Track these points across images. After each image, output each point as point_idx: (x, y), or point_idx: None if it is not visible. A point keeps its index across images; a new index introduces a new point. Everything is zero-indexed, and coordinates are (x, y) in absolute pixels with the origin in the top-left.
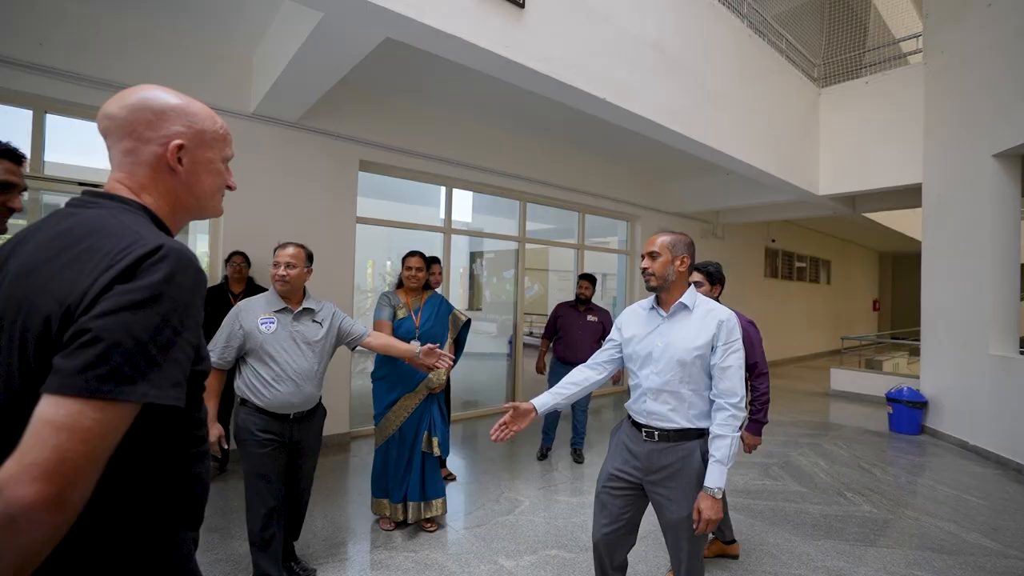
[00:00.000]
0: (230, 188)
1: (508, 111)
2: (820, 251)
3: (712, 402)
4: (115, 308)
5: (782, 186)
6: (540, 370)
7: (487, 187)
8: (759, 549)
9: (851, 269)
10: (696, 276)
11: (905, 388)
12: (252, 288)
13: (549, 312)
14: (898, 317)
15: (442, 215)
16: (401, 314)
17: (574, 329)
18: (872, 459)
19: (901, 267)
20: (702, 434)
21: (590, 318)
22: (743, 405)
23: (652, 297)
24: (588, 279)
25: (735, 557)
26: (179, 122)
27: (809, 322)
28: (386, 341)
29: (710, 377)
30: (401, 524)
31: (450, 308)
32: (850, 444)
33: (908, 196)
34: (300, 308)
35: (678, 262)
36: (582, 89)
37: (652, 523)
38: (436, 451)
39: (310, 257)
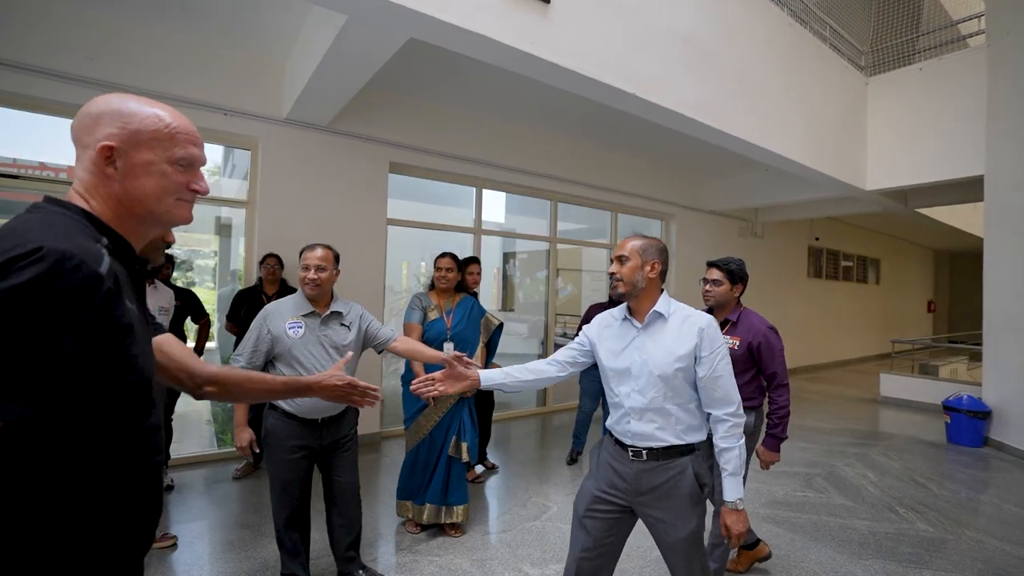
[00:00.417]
0: (196, 192)
1: (537, 110)
2: (868, 249)
3: (701, 414)
4: None
5: (826, 181)
6: None
7: (517, 187)
8: (799, 567)
9: (903, 268)
10: (716, 274)
11: (965, 396)
12: (285, 289)
13: (582, 313)
14: (956, 319)
15: (474, 216)
16: (432, 315)
17: None
18: (927, 472)
19: (959, 266)
20: (692, 449)
21: None
22: (741, 411)
23: (624, 306)
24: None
25: (768, 556)
26: (112, 125)
27: (856, 324)
28: (412, 346)
29: (695, 388)
30: (427, 527)
31: (482, 312)
32: (902, 455)
33: (967, 190)
34: (328, 312)
35: (648, 267)
36: (609, 84)
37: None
38: (465, 456)
39: (337, 258)
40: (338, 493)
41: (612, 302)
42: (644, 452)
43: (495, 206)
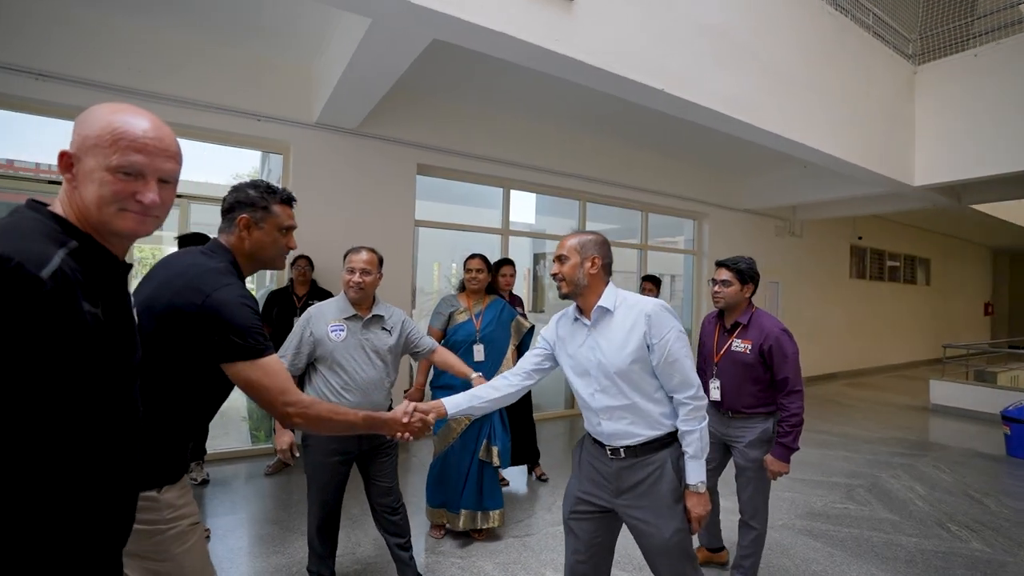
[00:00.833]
0: (142, 203)
1: (564, 109)
2: (916, 248)
3: (672, 397)
4: None
5: (869, 177)
6: None
7: (545, 187)
8: None
9: (956, 268)
10: (725, 274)
11: None
12: (315, 290)
13: None
14: (1017, 323)
15: (501, 216)
16: (462, 317)
17: None
18: (984, 487)
19: (1021, 265)
20: (671, 440)
21: None
22: (701, 393)
23: (575, 305)
24: (651, 281)
25: (723, 565)
26: (76, 131)
27: (904, 328)
28: (447, 358)
29: (656, 376)
30: (451, 531)
31: (513, 314)
32: (955, 468)
33: None
34: (370, 315)
35: (588, 263)
36: (635, 80)
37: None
38: (496, 461)
39: (381, 262)
40: (377, 498)
41: None
42: (622, 450)
43: (525, 207)
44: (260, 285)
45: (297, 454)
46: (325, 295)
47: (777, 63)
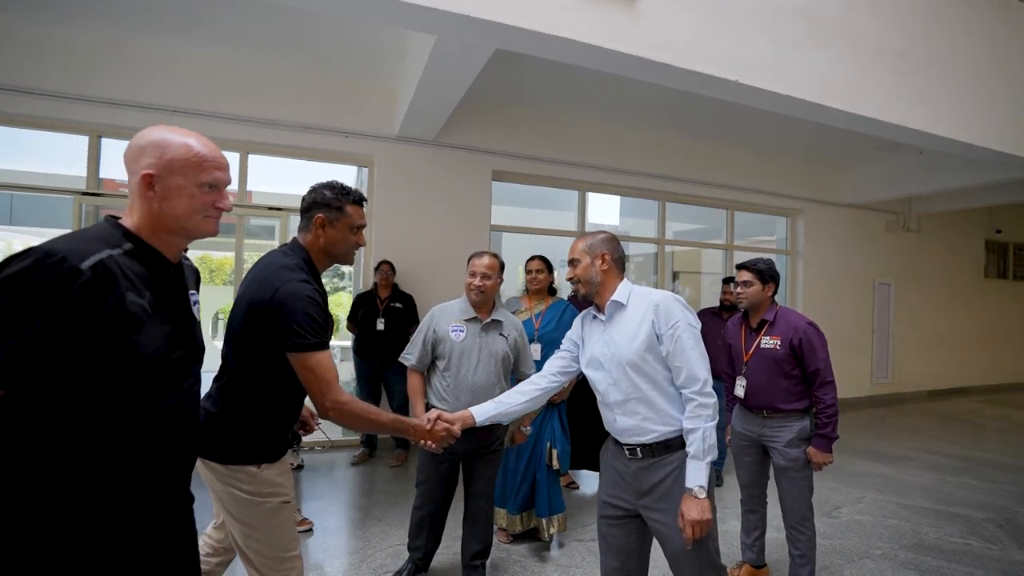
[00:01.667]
0: (221, 209)
1: (638, 107)
2: None
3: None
4: None
5: (1006, 161)
6: None
7: (621, 188)
8: None
9: None
10: (745, 275)
11: None
12: (397, 294)
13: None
14: None
15: (587, 219)
16: (522, 317)
17: (713, 340)
18: None
19: None
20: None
21: None
22: (709, 390)
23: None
24: (732, 283)
25: None
26: (152, 156)
27: None
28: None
29: (669, 368)
30: (518, 535)
31: (576, 315)
32: None
33: None
34: (489, 319)
35: (599, 261)
36: (705, 73)
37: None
38: (556, 464)
39: (502, 267)
40: (471, 499)
41: (723, 308)
42: (638, 449)
43: (608, 208)
44: (357, 289)
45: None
46: (406, 298)
47: (878, 39)
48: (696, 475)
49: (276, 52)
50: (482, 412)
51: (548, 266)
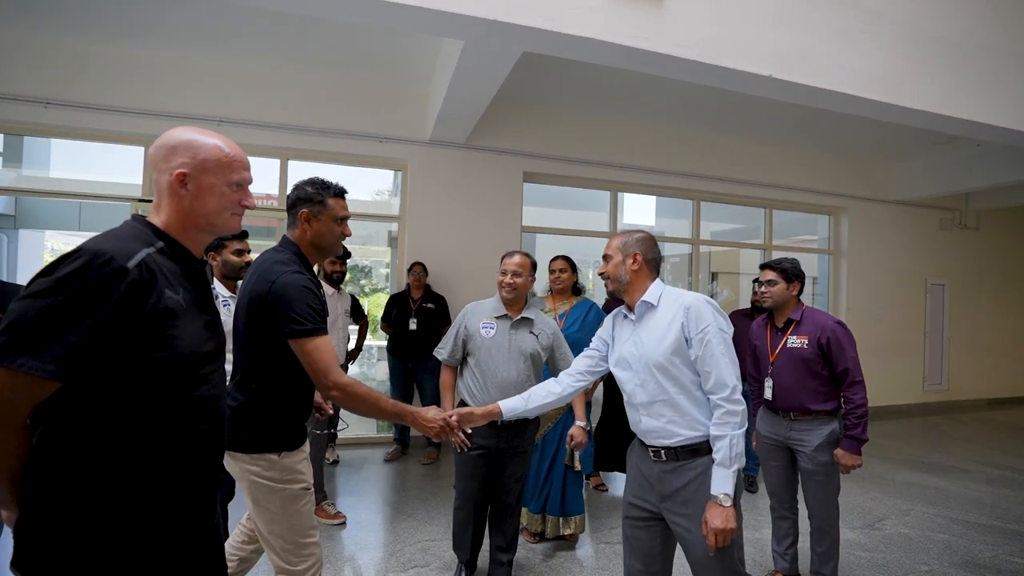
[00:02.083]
0: (246, 207)
1: (669, 105)
2: None
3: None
4: (25, 294)
5: None
6: None
7: (655, 188)
8: None
9: None
10: (769, 274)
11: None
12: (429, 294)
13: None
14: None
15: (621, 219)
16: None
17: (743, 343)
18: None
19: None
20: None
21: None
22: (737, 397)
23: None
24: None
25: None
26: (185, 155)
27: None
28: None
29: (697, 372)
30: (541, 535)
31: (600, 316)
32: None
33: None
34: (519, 317)
35: (630, 260)
36: (737, 68)
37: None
38: (577, 465)
39: (534, 266)
40: (499, 498)
41: (755, 310)
42: (663, 452)
43: (643, 209)
44: (392, 290)
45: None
46: (438, 299)
47: (927, 28)
48: (721, 482)
49: (315, 64)
50: (509, 408)
51: (572, 266)
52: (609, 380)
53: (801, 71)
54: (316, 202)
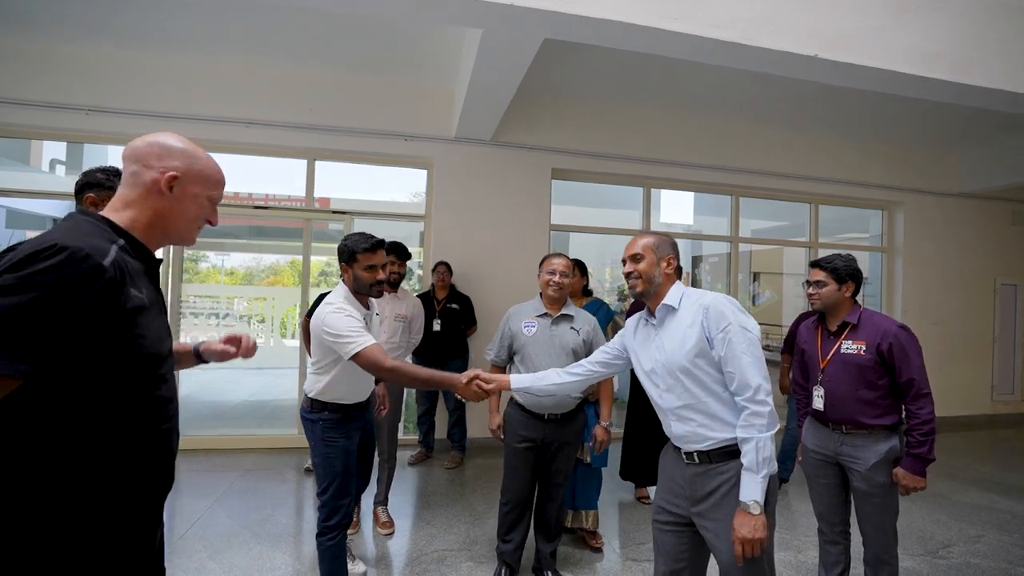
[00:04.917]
0: (210, 223)
1: (705, 94)
2: None
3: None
4: None
5: None
6: (785, 389)
7: (690, 184)
8: None
9: None
10: (819, 274)
11: None
12: (454, 294)
13: (785, 321)
14: None
15: (658, 217)
16: None
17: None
18: None
19: None
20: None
21: None
22: (762, 398)
23: (646, 308)
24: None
25: None
26: (181, 160)
27: None
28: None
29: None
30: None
31: (611, 315)
32: None
33: None
34: (559, 314)
35: (664, 263)
36: (778, 49)
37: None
38: (587, 459)
39: (575, 267)
40: (542, 490)
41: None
42: (695, 455)
43: (682, 206)
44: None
45: (501, 436)
46: (463, 299)
47: None
48: (750, 489)
49: (339, 63)
50: (519, 381)
51: (582, 269)
52: (635, 385)
53: (850, 50)
54: (105, 187)
